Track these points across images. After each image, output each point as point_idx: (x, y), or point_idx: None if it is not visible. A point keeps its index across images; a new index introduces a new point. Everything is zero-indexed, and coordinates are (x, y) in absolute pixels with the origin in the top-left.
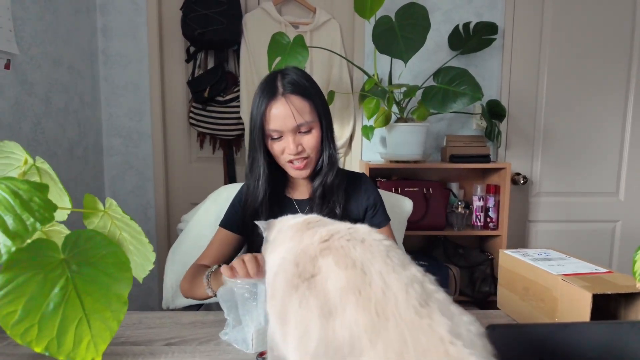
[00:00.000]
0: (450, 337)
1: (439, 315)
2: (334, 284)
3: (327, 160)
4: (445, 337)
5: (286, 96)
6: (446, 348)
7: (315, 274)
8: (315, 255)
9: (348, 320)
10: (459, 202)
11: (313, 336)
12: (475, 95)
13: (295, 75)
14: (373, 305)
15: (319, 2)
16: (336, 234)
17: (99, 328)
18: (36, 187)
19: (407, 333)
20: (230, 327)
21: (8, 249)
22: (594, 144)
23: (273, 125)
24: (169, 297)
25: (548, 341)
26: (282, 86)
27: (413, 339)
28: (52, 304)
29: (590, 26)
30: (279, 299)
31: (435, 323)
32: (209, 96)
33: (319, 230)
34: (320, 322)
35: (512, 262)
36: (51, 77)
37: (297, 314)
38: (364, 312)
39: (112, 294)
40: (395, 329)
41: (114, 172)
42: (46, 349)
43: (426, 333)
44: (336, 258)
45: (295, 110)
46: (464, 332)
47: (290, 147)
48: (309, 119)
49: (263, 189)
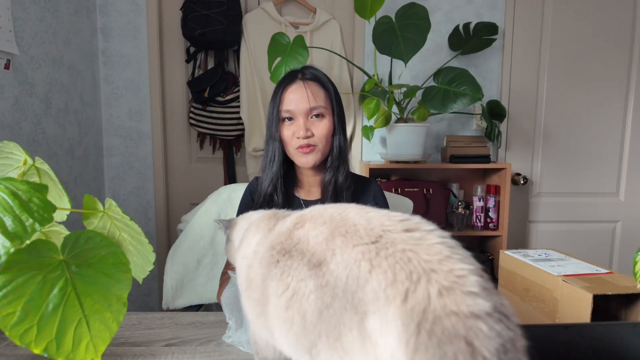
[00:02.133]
0: (448, 250)
1: (429, 234)
2: (316, 239)
3: (337, 153)
4: (443, 251)
5: (304, 80)
6: (446, 267)
7: (294, 244)
8: (290, 230)
9: (341, 259)
10: (459, 203)
11: (307, 290)
12: (476, 96)
13: (315, 70)
14: (362, 238)
15: (319, 3)
16: (308, 212)
17: (98, 329)
18: (35, 187)
19: (406, 248)
20: (233, 330)
21: (7, 250)
22: (594, 144)
23: (286, 105)
24: (169, 298)
25: (548, 342)
26: (302, 74)
27: (414, 253)
28: (52, 305)
29: (590, 26)
30: (258, 283)
31: (429, 237)
32: (209, 96)
33: (289, 218)
34: (310, 274)
35: (513, 263)
36: (51, 78)
37: (280, 284)
38: (355, 247)
39: (112, 294)
40: (393, 247)
41: (114, 173)
42: (45, 350)
43: (424, 248)
44: (312, 222)
45: (311, 93)
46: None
47: (300, 131)
48: (322, 104)
49: (277, 171)
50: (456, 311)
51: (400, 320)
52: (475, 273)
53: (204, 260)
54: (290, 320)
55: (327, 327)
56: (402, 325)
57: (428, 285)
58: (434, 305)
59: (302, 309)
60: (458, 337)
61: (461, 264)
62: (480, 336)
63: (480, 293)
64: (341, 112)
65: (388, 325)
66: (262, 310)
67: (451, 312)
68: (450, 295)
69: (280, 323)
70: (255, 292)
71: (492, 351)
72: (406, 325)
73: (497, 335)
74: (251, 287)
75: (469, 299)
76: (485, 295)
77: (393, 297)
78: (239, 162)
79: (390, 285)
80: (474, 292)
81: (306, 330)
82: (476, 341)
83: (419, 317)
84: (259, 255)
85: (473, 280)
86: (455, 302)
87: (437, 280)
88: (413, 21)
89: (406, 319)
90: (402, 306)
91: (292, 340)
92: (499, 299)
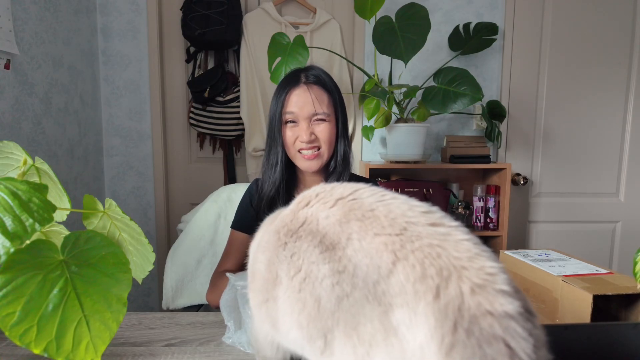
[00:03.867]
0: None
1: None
2: (327, 221)
3: (341, 157)
4: (471, 249)
5: (308, 85)
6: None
7: (300, 223)
8: (293, 211)
9: (360, 246)
10: (459, 203)
11: (321, 274)
12: (476, 96)
13: (319, 71)
14: (385, 228)
15: (319, 3)
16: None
17: (98, 329)
18: (35, 187)
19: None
20: (232, 331)
21: (7, 250)
22: (594, 144)
23: (290, 107)
24: (169, 298)
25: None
26: (305, 77)
27: (442, 249)
28: (52, 305)
29: (591, 26)
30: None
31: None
32: (209, 96)
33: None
34: (324, 257)
35: (513, 263)
36: (51, 77)
37: (291, 266)
38: (376, 236)
39: (112, 294)
40: (419, 241)
41: (113, 173)
42: (45, 350)
43: (452, 244)
44: (320, 201)
45: (315, 98)
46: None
47: (303, 135)
48: (326, 110)
49: (280, 175)
50: (491, 310)
51: (433, 316)
52: (503, 271)
53: (204, 260)
54: (303, 302)
55: (346, 316)
56: (435, 321)
57: (460, 282)
58: (468, 303)
59: (315, 293)
60: (497, 339)
61: (490, 262)
62: (516, 337)
63: (511, 292)
64: (344, 117)
65: (417, 319)
66: (265, 298)
67: (486, 312)
68: (483, 293)
69: (292, 303)
70: (259, 281)
71: (529, 352)
72: (441, 322)
73: (529, 335)
74: (255, 278)
75: (502, 298)
76: (515, 294)
77: (423, 292)
78: (239, 162)
79: (419, 280)
80: (506, 290)
81: (321, 315)
82: (513, 342)
83: (454, 314)
84: (262, 244)
85: (503, 278)
86: (489, 300)
87: (468, 277)
88: (413, 21)
89: (440, 315)
90: (435, 302)
91: (304, 322)
92: (524, 297)
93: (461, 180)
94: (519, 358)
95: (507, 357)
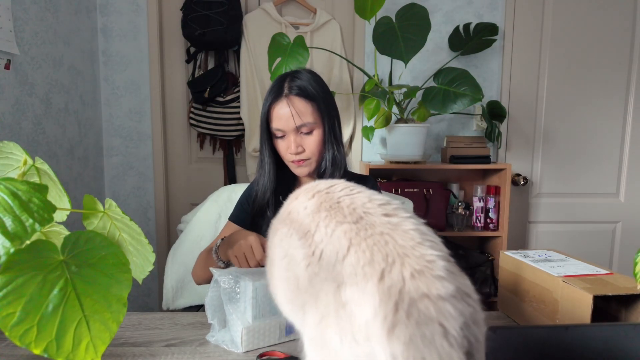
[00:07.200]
0: (420, 237)
1: (405, 220)
2: (305, 211)
3: (330, 162)
4: (415, 237)
5: (289, 97)
6: (418, 252)
7: (288, 213)
8: (287, 204)
9: (325, 232)
10: (459, 203)
11: (298, 257)
12: (476, 96)
13: (304, 78)
14: (345, 216)
15: (319, 3)
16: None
17: (98, 329)
18: (35, 187)
19: (384, 232)
20: (216, 329)
21: (7, 250)
22: (595, 144)
23: (276, 124)
24: (169, 298)
25: (549, 343)
26: (288, 88)
27: (390, 237)
28: (52, 305)
29: (591, 27)
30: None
31: (405, 224)
32: (209, 97)
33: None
34: (300, 243)
35: (513, 264)
36: (51, 78)
37: (280, 250)
38: (338, 224)
39: (112, 295)
40: (372, 229)
41: (114, 173)
42: (45, 351)
43: (399, 233)
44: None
45: (295, 112)
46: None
47: (291, 147)
48: (310, 120)
49: (270, 187)
50: (427, 294)
51: (378, 296)
52: (443, 258)
53: None
54: (288, 280)
55: (314, 291)
56: (379, 300)
57: (402, 268)
58: (409, 287)
59: (296, 273)
60: (432, 320)
61: (431, 250)
62: (448, 318)
63: (447, 276)
64: (332, 121)
65: (365, 297)
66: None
67: (424, 295)
68: (421, 278)
69: (282, 281)
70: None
71: (458, 329)
72: (384, 302)
73: (460, 314)
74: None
75: (438, 283)
76: (451, 279)
77: (370, 274)
78: (239, 162)
79: (368, 263)
80: (442, 276)
81: (300, 291)
82: (446, 322)
83: (396, 296)
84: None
85: (440, 265)
86: (426, 285)
87: (410, 264)
88: (413, 22)
89: (384, 296)
90: (380, 284)
91: (290, 297)
92: (462, 280)
93: (461, 181)
94: (451, 335)
95: (441, 336)
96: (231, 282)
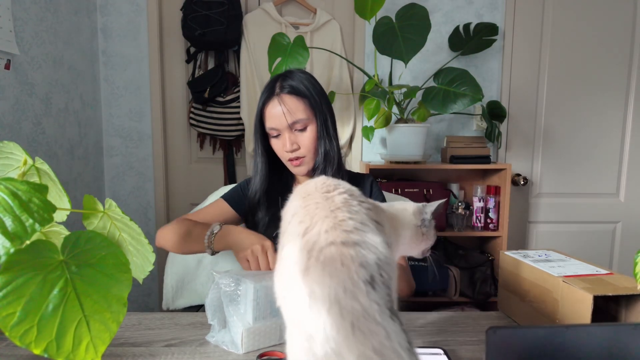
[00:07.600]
0: (343, 205)
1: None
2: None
3: (322, 157)
4: (339, 205)
5: (280, 96)
6: (336, 215)
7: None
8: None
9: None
10: (459, 203)
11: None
12: (476, 96)
13: (296, 77)
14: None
15: (319, 3)
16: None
17: (98, 329)
18: (35, 187)
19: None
20: (216, 330)
21: (7, 251)
22: (595, 144)
23: (269, 123)
24: (169, 298)
25: (549, 343)
26: (280, 87)
27: (321, 206)
28: (52, 305)
29: (591, 27)
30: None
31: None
32: (209, 97)
33: None
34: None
35: (513, 264)
36: (51, 78)
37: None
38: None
39: (112, 295)
40: (311, 200)
41: (114, 173)
42: (45, 351)
43: (329, 202)
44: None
45: (286, 109)
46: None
47: (287, 145)
48: (302, 117)
49: (262, 187)
50: (333, 242)
51: (299, 248)
52: (355, 220)
53: (204, 260)
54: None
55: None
56: (299, 251)
57: (321, 226)
58: (321, 239)
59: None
60: (334, 260)
61: (347, 213)
62: (347, 257)
63: (353, 231)
64: (326, 115)
65: (294, 250)
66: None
67: (330, 243)
68: (332, 232)
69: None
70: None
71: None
72: (302, 252)
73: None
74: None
75: (343, 234)
76: (356, 232)
77: (298, 233)
78: (239, 162)
79: (299, 224)
80: (348, 230)
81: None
82: (345, 260)
83: (310, 246)
84: None
85: (351, 223)
86: (334, 236)
87: (327, 223)
88: (413, 22)
89: (303, 247)
90: (302, 239)
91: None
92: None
93: (461, 181)
94: (352, 270)
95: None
96: (232, 284)
